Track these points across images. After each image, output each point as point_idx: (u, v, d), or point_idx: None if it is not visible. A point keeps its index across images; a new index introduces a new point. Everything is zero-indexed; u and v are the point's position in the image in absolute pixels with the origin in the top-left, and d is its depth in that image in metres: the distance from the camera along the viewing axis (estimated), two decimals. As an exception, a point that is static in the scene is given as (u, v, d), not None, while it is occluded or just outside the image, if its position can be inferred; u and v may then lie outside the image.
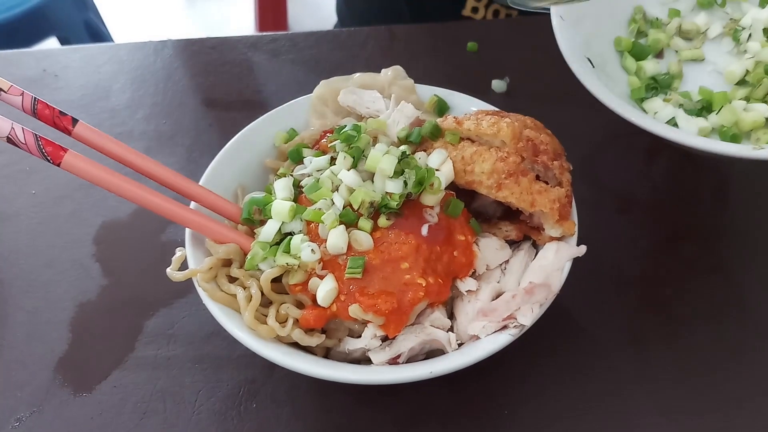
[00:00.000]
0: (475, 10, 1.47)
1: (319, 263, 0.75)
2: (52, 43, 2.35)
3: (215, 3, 3.60)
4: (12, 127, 0.72)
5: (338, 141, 0.83)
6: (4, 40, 2.18)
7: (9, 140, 0.72)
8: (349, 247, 0.75)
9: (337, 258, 0.75)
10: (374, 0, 1.63)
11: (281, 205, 0.77)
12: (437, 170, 0.79)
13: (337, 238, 0.74)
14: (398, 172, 0.77)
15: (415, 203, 0.77)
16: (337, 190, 0.78)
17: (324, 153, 0.84)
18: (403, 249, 0.74)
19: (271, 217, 0.78)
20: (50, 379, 0.86)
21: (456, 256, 0.77)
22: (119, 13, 3.16)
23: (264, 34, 1.31)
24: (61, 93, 1.21)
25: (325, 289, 0.73)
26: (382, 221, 0.76)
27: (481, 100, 0.96)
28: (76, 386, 0.86)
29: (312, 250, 0.74)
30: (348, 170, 0.79)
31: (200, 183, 0.85)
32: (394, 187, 0.76)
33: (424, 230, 0.76)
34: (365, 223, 0.75)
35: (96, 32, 2.46)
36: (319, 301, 0.73)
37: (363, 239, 0.74)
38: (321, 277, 0.74)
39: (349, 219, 0.76)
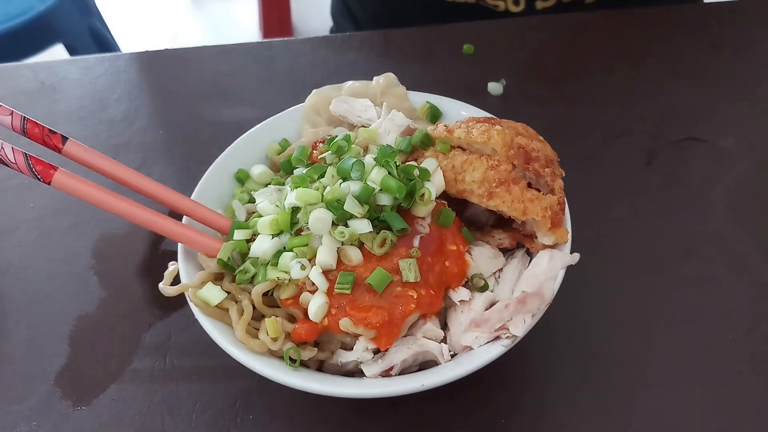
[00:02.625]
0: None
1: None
2: (58, 50, 2.36)
3: (221, 5, 3.60)
4: (1, 147, 0.72)
5: (329, 152, 0.82)
6: (9, 48, 2.20)
7: None
8: (339, 261, 0.75)
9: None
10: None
11: (264, 220, 0.77)
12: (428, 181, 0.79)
13: (325, 255, 0.74)
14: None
15: (405, 213, 0.77)
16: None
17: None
18: (394, 261, 0.74)
19: (258, 233, 0.78)
20: (49, 392, 0.87)
21: (448, 266, 0.77)
22: (125, 18, 3.18)
23: (261, 41, 1.31)
24: (59, 105, 1.21)
25: (316, 305, 0.73)
26: (377, 249, 0.75)
27: (477, 103, 0.95)
28: (74, 400, 0.86)
29: (302, 265, 0.74)
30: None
31: (192, 196, 0.85)
32: (385, 199, 0.76)
33: (416, 242, 0.76)
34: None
35: (101, 38, 2.48)
36: (311, 316, 0.73)
37: (352, 255, 0.74)
38: (312, 292, 0.74)
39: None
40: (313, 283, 0.74)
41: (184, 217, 0.83)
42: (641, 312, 0.91)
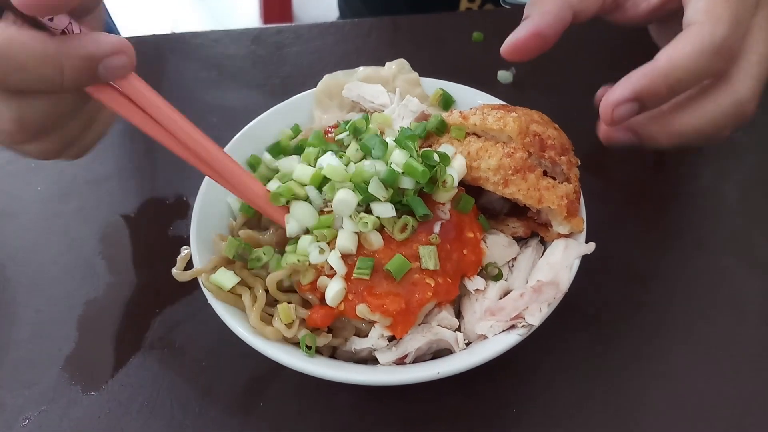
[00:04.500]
0: (469, 10, 1.46)
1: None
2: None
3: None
4: (70, 22, 0.62)
5: (346, 134, 0.82)
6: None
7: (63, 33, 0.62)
8: (360, 246, 0.74)
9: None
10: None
11: (307, 170, 0.77)
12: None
13: (346, 240, 0.73)
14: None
15: (426, 199, 0.76)
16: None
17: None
18: (414, 247, 0.73)
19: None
20: (57, 378, 0.86)
21: (465, 254, 0.76)
22: (125, 5, 3.15)
23: (268, 26, 1.29)
24: (65, 88, 1.20)
25: (333, 290, 0.72)
26: (398, 234, 0.74)
27: (487, 91, 0.95)
28: (83, 385, 0.86)
29: (320, 249, 0.73)
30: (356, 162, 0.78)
31: (203, 184, 0.85)
32: (408, 182, 0.75)
33: (436, 228, 0.75)
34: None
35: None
36: (328, 300, 0.72)
37: (373, 240, 0.73)
38: (330, 276, 0.74)
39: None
40: (332, 268, 0.73)
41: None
42: (653, 304, 0.90)
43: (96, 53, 0.62)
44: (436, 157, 0.76)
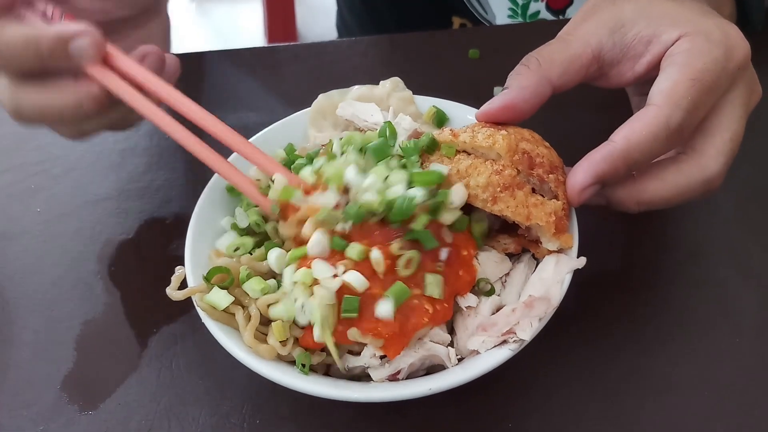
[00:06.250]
0: (463, 26, 1.48)
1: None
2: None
3: (225, 10, 3.61)
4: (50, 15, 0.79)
5: (348, 145, 0.83)
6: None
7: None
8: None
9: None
10: (366, 21, 1.65)
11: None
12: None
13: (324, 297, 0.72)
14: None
15: (430, 223, 0.75)
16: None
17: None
18: (419, 276, 0.73)
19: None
20: (56, 397, 0.87)
21: (461, 275, 0.76)
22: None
23: (266, 46, 1.31)
24: (65, 110, 1.21)
25: (317, 332, 0.71)
26: (395, 248, 0.73)
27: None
28: (81, 404, 0.86)
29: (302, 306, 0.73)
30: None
31: (197, 204, 0.86)
32: (418, 193, 0.75)
33: (444, 254, 0.75)
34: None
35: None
36: (315, 337, 0.72)
37: (356, 284, 0.72)
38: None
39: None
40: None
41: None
42: (648, 317, 0.91)
43: (64, 34, 0.76)
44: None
